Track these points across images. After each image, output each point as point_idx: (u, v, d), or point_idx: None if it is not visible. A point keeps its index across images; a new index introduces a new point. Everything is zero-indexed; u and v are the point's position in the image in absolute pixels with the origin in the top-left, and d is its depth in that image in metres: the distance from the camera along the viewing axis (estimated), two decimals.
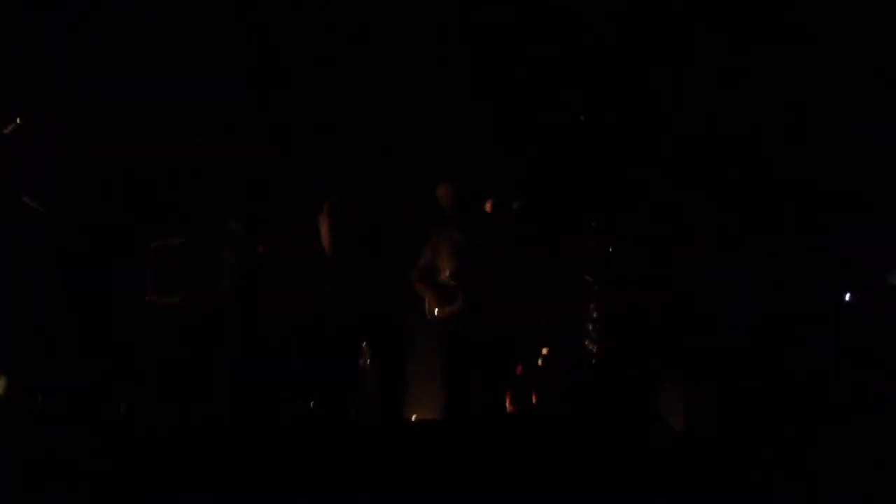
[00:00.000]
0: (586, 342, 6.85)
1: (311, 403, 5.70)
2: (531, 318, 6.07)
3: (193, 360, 5.47)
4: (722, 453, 4.78)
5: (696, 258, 6.44)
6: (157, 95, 6.73)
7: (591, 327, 6.83)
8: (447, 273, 4.91)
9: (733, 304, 6.10)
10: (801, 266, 6.03)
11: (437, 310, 4.96)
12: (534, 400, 6.63)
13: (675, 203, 6.66)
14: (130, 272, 6.27)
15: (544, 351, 6.80)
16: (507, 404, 5.94)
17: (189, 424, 5.01)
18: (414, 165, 6.44)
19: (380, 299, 4.56)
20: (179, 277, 5.88)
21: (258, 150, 6.34)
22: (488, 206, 5.27)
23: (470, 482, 4.15)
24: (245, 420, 4.89)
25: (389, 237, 4.57)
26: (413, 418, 6.84)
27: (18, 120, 4.52)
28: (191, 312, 5.71)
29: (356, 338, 4.65)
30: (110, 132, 6.70)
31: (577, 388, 6.54)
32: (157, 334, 5.78)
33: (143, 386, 5.59)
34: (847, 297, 6.14)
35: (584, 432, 5.57)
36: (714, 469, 4.44)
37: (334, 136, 6.43)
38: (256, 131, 6.44)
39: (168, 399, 5.44)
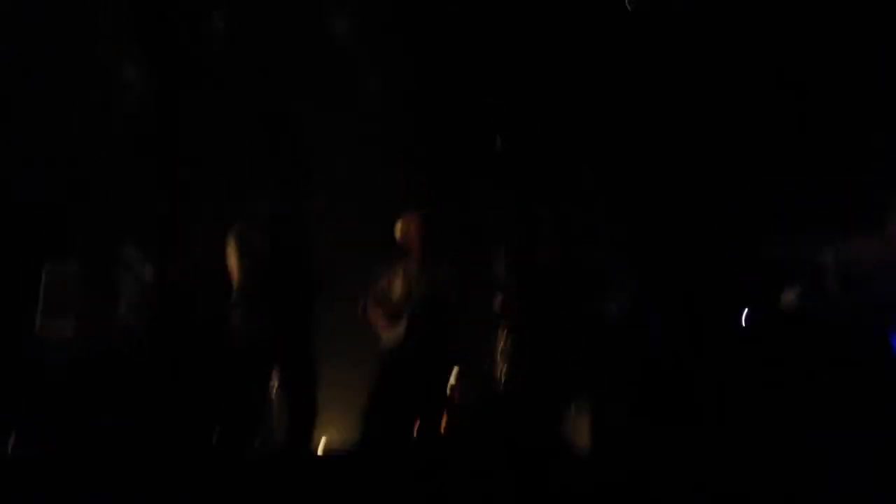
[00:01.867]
0: (495, 366, 6.85)
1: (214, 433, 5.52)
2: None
3: (85, 391, 5.24)
4: (630, 475, 4.85)
5: (604, 281, 6.54)
6: (50, 112, 6.50)
7: (499, 350, 6.84)
8: (397, 299, 5.12)
9: (642, 328, 6.22)
10: (705, 288, 6.20)
11: (384, 333, 5.17)
12: (443, 425, 6.60)
13: (582, 225, 6.75)
14: (19, 299, 6.00)
15: (453, 375, 6.78)
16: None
17: (80, 456, 4.79)
18: (325, 187, 6.39)
19: (288, 326, 4.48)
20: (72, 305, 5.64)
21: (161, 171, 6.16)
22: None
23: None
24: (140, 451, 4.70)
25: (298, 263, 4.52)
26: (322, 446, 6.72)
27: None
28: (84, 342, 5.48)
29: (264, 365, 4.54)
30: None
31: (486, 413, 6.54)
32: (47, 365, 5.53)
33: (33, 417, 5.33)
34: (745, 314, 6.32)
35: (492, 457, 5.58)
36: (623, 491, 4.49)
37: (238, 159, 6.31)
38: (157, 151, 6.26)
39: (59, 432, 5.19)
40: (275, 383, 4.77)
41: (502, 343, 6.80)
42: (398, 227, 5.27)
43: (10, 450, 5.45)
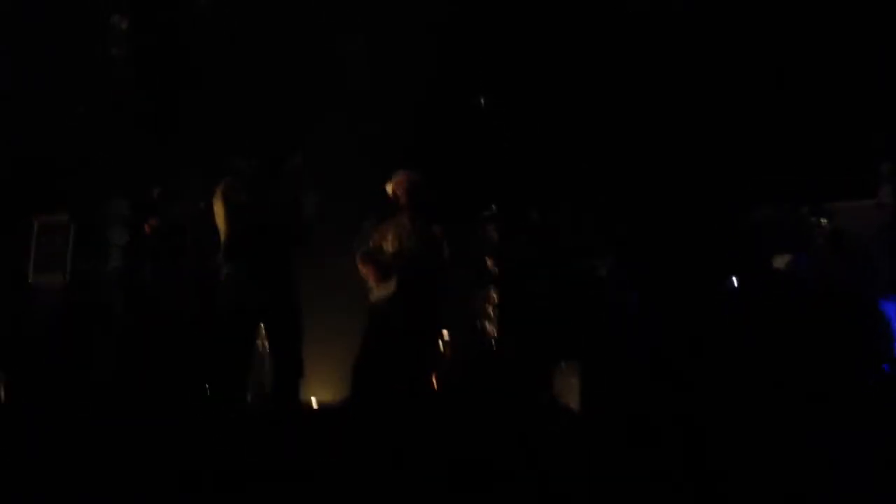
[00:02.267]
0: (485, 324, 6.90)
1: (207, 387, 5.55)
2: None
3: (76, 340, 5.25)
4: (617, 432, 4.90)
5: (588, 242, 6.57)
6: (39, 73, 6.47)
7: (490, 310, 6.89)
8: (389, 253, 5.16)
9: (624, 287, 6.25)
10: (689, 250, 6.21)
11: (375, 287, 5.14)
12: (434, 382, 6.65)
13: (569, 190, 6.78)
14: (11, 251, 6.01)
15: (445, 334, 6.82)
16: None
17: (71, 410, 4.81)
18: (308, 146, 6.39)
19: (275, 282, 4.50)
20: (63, 257, 5.65)
21: (146, 129, 6.13)
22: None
23: (370, 464, 4.12)
24: (134, 404, 4.73)
25: (284, 220, 4.53)
26: (314, 402, 6.77)
27: None
28: (74, 293, 5.48)
29: (251, 321, 4.55)
30: None
31: (476, 370, 6.59)
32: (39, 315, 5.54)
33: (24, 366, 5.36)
34: (733, 280, 6.34)
35: (483, 413, 5.63)
36: (609, 447, 4.54)
37: (223, 117, 6.30)
38: (144, 110, 6.23)
39: (49, 382, 5.21)
40: (262, 337, 4.77)
41: (493, 301, 6.86)
42: (389, 185, 5.29)
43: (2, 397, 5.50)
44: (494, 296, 6.86)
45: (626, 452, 4.38)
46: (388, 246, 5.21)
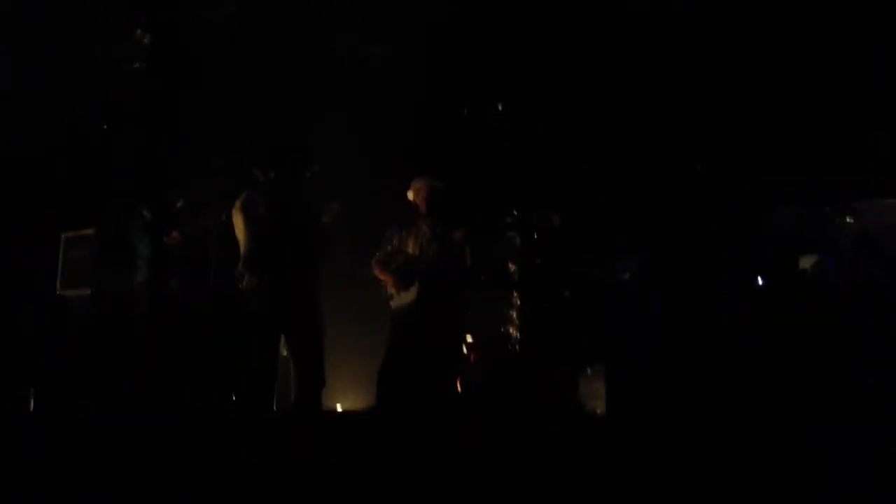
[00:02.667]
0: (509, 329, 6.89)
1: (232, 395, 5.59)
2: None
3: (104, 351, 5.32)
4: (642, 435, 4.87)
5: (614, 248, 6.54)
6: (64, 86, 6.56)
7: (513, 315, 6.88)
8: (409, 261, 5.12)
9: (649, 293, 6.22)
10: (714, 253, 6.17)
11: (396, 294, 5.10)
12: (458, 387, 6.65)
13: (593, 196, 6.76)
14: (39, 264, 6.09)
15: (469, 338, 6.82)
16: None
17: (101, 416, 4.87)
18: (327, 158, 6.45)
19: (295, 293, 4.56)
20: (90, 269, 5.72)
21: (168, 141, 6.21)
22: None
23: (394, 468, 4.12)
24: (161, 414, 4.77)
25: (303, 231, 4.59)
26: (338, 408, 6.79)
27: None
28: (101, 304, 5.55)
29: (273, 331, 4.59)
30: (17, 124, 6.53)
31: (500, 374, 6.58)
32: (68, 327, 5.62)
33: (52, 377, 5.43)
34: (759, 281, 6.29)
35: (508, 417, 5.62)
36: (634, 450, 4.51)
37: (242, 130, 6.38)
38: (166, 123, 6.31)
39: (78, 391, 5.28)
40: (284, 345, 4.80)
41: (516, 306, 6.85)
42: (410, 192, 5.30)
43: (32, 407, 5.58)
44: (518, 300, 6.86)
45: (652, 456, 4.35)
46: (408, 252, 5.20)
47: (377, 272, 5.15)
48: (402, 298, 5.08)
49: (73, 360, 5.49)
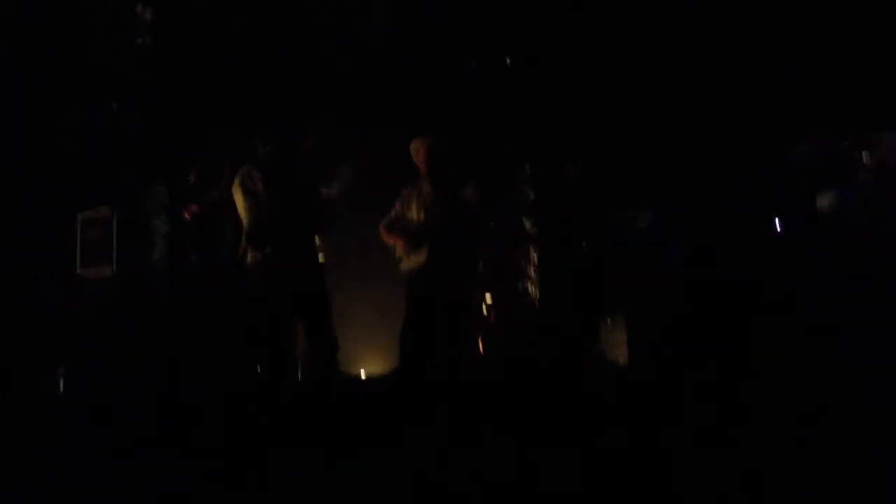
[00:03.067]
0: (528, 285, 6.88)
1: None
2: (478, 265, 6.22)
3: (126, 330, 5.39)
4: (665, 387, 4.88)
5: (629, 197, 6.48)
6: (73, 66, 6.56)
7: (531, 270, 6.86)
8: (416, 222, 5.11)
9: (666, 240, 6.16)
10: (730, 196, 6.08)
11: (405, 257, 5.10)
12: (480, 347, 6.67)
13: (608, 146, 6.68)
14: (58, 245, 6.15)
15: (487, 296, 6.82)
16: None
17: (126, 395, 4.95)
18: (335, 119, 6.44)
19: (298, 265, 4.60)
20: (108, 249, 5.76)
21: (182, 117, 6.20)
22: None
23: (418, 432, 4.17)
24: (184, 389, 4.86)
25: (301, 203, 4.60)
26: (362, 374, 6.85)
27: None
28: (121, 284, 5.60)
29: (280, 304, 4.63)
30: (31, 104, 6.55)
31: (521, 331, 6.59)
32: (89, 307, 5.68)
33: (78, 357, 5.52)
34: (777, 223, 6.20)
35: (530, 374, 5.65)
36: (657, 403, 4.53)
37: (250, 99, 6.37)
38: (175, 99, 6.30)
39: (104, 370, 5.36)
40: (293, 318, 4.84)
41: (534, 261, 6.83)
42: (411, 150, 5.25)
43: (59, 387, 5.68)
44: (535, 255, 6.83)
45: (675, 406, 4.37)
46: (413, 214, 5.17)
47: (385, 236, 5.15)
48: (412, 261, 5.06)
49: (95, 338, 5.57)
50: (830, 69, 6.11)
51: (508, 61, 6.89)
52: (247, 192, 4.55)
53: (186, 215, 5.55)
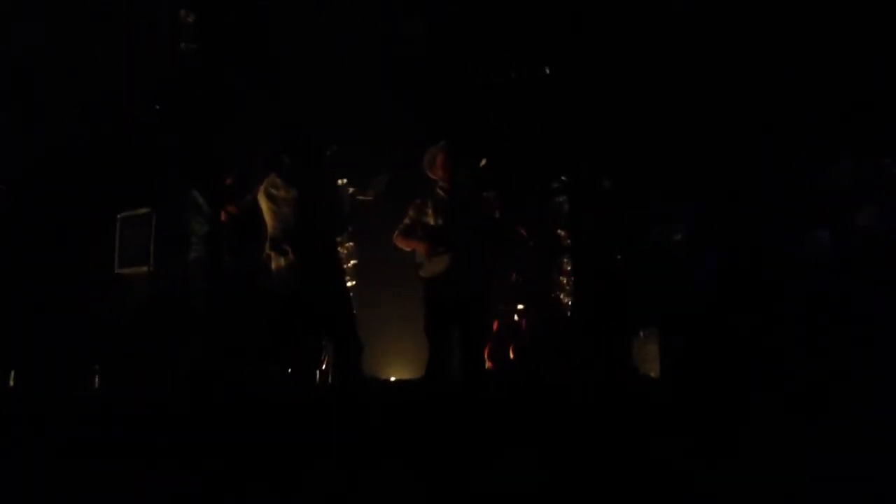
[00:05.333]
0: (561, 296, 6.87)
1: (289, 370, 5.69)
2: (506, 273, 6.22)
3: (163, 330, 5.46)
4: (696, 397, 4.84)
5: (664, 211, 6.45)
6: (114, 70, 6.68)
7: (565, 280, 6.86)
8: (435, 228, 5.13)
9: (700, 254, 6.12)
10: (766, 211, 6.03)
11: (427, 262, 5.11)
12: (511, 354, 6.67)
13: (642, 160, 6.66)
14: (97, 246, 6.25)
15: (520, 306, 6.82)
16: (486, 359, 6.04)
17: (160, 394, 5.01)
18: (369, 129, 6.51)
19: (319, 270, 4.67)
20: (146, 249, 5.84)
21: (217, 120, 6.29)
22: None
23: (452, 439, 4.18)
24: (213, 387, 4.91)
25: (323, 210, 4.67)
26: (392, 379, 6.88)
27: None
28: (159, 284, 5.69)
29: (303, 307, 4.69)
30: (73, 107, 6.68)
31: (553, 342, 6.57)
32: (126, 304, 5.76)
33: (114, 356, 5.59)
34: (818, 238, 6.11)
35: (561, 384, 5.62)
36: (689, 412, 4.49)
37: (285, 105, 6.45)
38: (214, 102, 6.39)
39: (140, 369, 5.44)
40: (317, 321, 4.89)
41: (567, 272, 6.82)
42: (426, 159, 5.27)
43: (96, 385, 5.76)
44: (568, 266, 6.82)
45: (707, 418, 4.33)
46: (430, 220, 5.16)
47: (402, 243, 5.17)
48: (434, 266, 5.06)
49: (134, 337, 5.64)
50: (870, 86, 6.04)
51: (546, 70, 6.90)
52: (270, 199, 4.66)
53: (223, 217, 5.62)
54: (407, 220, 5.20)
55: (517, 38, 6.94)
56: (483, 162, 5.55)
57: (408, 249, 5.20)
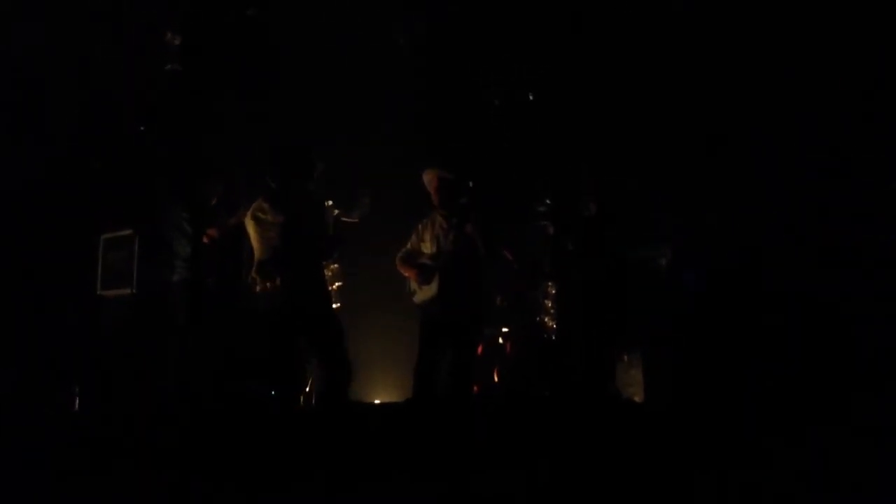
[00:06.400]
0: (545, 319, 6.87)
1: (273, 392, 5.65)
2: (492, 297, 6.24)
3: (144, 350, 5.42)
4: (680, 422, 4.82)
5: (650, 232, 6.46)
6: (101, 88, 6.66)
7: (549, 304, 6.85)
8: (428, 254, 5.21)
9: (687, 276, 6.13)
10: (754, 235, 6.04)
11: (417, 289, 5.18)
12: (495, 377, 6.64)
13: (626, 178, 6.67)
14: (79, 267, 6.20)
15: (504, 329, 6.81)
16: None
17: (141, 414, 4.96)
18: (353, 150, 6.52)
19: (307, 292, 4.71)
20: (129, 271, 5.81)
21: (202, 142, 6.29)
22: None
23: (433, 460, 4.15)
24: (195, 408, 4.88)
25: (311, 232, 4.68)
26: (377, 401, 6.83)
27: None
28: (141, 304, 5.65)
29: (290, 331, 4.69)
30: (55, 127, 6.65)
31: (537, 364, 6.56)
32: (107, 326, 5.72)
33: (95, 377, 5.54)
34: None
35: (546, 407, 5.61)
36: (673, 438, 4.48)
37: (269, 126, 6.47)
38: (199, 123, 6.39)
39: (120, 390, 5.39)
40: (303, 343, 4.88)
41: (551, 296, 6.82)
42: (424, 180, 5.31)
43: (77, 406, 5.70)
44: (552, 290, 6.82)
45: (691, 442, 4.32)
46: (427, 247, 5.24)
47: (400, 269, 5.23)
48: (425, 293, 5.11)
49: (114, 358, 5.60)
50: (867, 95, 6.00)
51: (529, 96, 6.95)
52: (258, 223, 4.66)
53: (205, 239, 5.60)
54: (408, 246, 5.26)
55: (503, 60, 6.99)
56: (470, 184, 5.59)
57: (405, 275, 5.25)
